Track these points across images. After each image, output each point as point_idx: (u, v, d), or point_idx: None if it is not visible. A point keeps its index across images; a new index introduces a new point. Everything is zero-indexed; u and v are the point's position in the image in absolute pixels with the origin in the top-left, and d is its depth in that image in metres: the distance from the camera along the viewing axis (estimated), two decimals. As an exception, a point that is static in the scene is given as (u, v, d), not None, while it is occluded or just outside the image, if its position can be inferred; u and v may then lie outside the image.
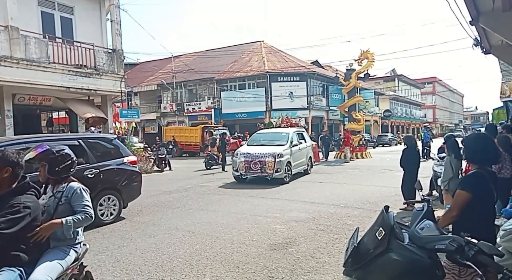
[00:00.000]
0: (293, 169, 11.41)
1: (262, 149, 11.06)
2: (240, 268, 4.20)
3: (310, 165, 13.31)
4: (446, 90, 68.75)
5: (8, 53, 11.12)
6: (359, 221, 6.17)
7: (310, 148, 13.51)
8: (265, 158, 10.64)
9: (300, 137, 12.96)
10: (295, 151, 11.71)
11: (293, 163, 11.34)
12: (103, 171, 6.38)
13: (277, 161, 10.50)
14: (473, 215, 2.49)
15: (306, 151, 12.91)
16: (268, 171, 10.50)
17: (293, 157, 11.44)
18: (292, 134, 12.04)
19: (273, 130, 14.15)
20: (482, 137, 2.74)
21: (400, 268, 2.03)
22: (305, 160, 12.69)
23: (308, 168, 13.00)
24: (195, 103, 32.38)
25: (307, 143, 13.29)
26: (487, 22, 5.74)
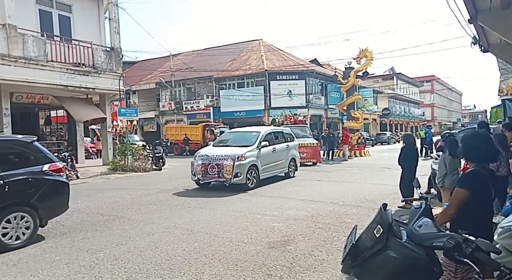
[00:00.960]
0: (263, 173, 10.18)
1: (223, 151, 9.83)
2: (239, 266, 4.21)
3: (294, 167, 11.98)
4: (445, 89, 68.81)
5: (6, 52, 11.08)
6: (357, 219, 6.19)
7: (294, 149, 12.12)
8: (223, 161, 9.34)
9: (280, 136, 11.73)
10: (266, 152, 10.34)
11: (261, 166, 10.04)
12: (9, 182, 5.08)
13: (237, 165, 9.20)
14: (470, 213, 2.50)
15: (287, 152, 11.54)
16: (226, 176, 9.20)
17: (263, 159, 10.10)
18: (264, 134, 10.63)
19: (244, 129, 12.55)
20: (480, 135, 2.74)
21: (398, 266, 2.03)
22: (284, 162, 11.29)
23: (290, 171, 11.69)
24: (194, 101, 32.34)
25: (291, 143, 11.98)
26: (486, 21, 5.75)
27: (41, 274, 4.13)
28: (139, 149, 16.23)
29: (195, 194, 9.15)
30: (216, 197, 8.61)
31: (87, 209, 7.55)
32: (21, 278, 4.06)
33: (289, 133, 12.49)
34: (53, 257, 4.68)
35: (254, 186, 9.63)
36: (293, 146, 12.20)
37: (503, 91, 18.12)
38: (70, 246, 5.10)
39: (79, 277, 4.01)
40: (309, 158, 15.83)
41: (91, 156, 19.73)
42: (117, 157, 15.00)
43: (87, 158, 17.97)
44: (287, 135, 12.22)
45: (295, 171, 12.13)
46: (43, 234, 5.76)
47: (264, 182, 10.69)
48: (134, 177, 13.35)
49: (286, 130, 12.67)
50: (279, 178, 11.62)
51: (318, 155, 16.43)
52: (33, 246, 5.11)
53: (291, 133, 12.65)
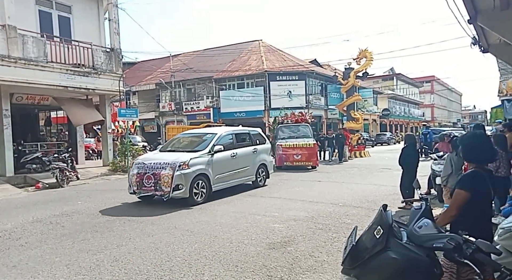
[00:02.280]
0: (218, 183, 8.49)
1: (164, 157, 8.19)
2: (239, 267, 4.20)
3: (264, 174, 10.28)
4: (445, 89, 68.80)
5: (6, 52, 11.09)
6: (358, 220, 6.18)
7: (264, 153, 10.43)
8: (160, 170, 7.68)
9: (246, 138, 10.04)
10: (223, 158, 8.66)
11: (215, 175, 8.34)
12: None
13: (177, 175, 7.50)
14: (470, 214, 2.50)
15: (254, 158, 9.84)
16: (163, 189, 7.53)
17: (217, 166, 8.42)
18: (220, 136, 8.94)
19: (198, 131, 11.03)
20: (478, 136, 2.75)
21: (398, 267, 2.03)
22: (250, 169, 9.60)
23: (259, 179, 10.06)
24: (194, 102, 32.34)
25: (261, 147, 10.27)
26: (485, 21, 5.75)
27: (41, 276, 4.12)
28: (139, 150, 16.23)
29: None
30: (216, 198, 8.59)
31: (87, 210, 7.55)
32: (21, 279, 4.06)
33: (258, 135, 10.71)
34: (53, 258, 4.68)
35: (203, 200, 7.91)
36: (264, 150, 10.42)
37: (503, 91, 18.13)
38: (70, 247, 5.10)
39: (79, 278, 4.01)
40: (303, 161, 14.28)
41: (91, 157, 19.74)
42: (117, 158, 15.01)
43: (87, 159, 17.97)
44: (255, 137, 10.40)
45: (266, 178, 10.40)
46: (43, 235, 5.76)
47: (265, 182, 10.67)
48: (134, 178, 13.33)
49: (255, 131, 10.72)
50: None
51: (315, 157, 14.53)
52: (33, 247, 5.10)
53: (261, 135, 10.88)
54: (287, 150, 14.54)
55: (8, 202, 8.92)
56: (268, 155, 10.79)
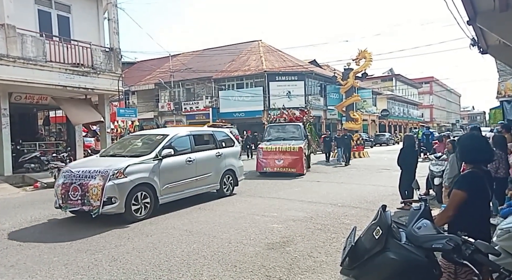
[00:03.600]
0: (168, 194, 7.14)
1: (97, 164, 6.86)
2: (238, 267, 4.20)
3: (232, 181, 8.98)
4: (443, 90, 68.94)
5: (5, 52, 11.06)
6: (357, 220, 6.19)
7: (232, 157, 9.13)
8: (89, 179, 6.27)
9: (208, 141, 8.87)
10: (174, 164, 7.32)
11: (163, 185, 6.99)
12: None
13: (109, 186, 6.10)
14: (468, 214, 2.51)
15: (218, 163, 8.56)
16: (92, 202, 6.12)
17: (166, 174, 7.06)
18: (173, 138, 7.61)
19: (148, 132, 9.75)
20: (476, 137, 2.76)
21: (397, 267, 2.03)
22: (212, 176, 8.32)
23: (225, 187, 8.76)
24: (193, 102, 32.35)
25: (227, 150, 8.97)
26: (484, 22, 5.76)
27: (39, 275, 4.11)
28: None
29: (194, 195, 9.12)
30: (214, 198, 8.59)
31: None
32: (19, 279, 4.05)
33: (224, 136, 9.40)
34: (51, 258, 4.67)
35: (146, 215, 6.59)
36: (231, 154, 9.13)
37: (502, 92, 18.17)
38: (69, 247, 5.09)
39: (78, 278, 4.00)
40: (286, 167, 12.25)
41: (89, 157, 19.67)
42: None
43: (85, 158, 17.91)
44: (222, 138, 9.11)
45: (234, 186, 9.09)
46: (41, 234, 5.74)
47: (263, 184, 10.64)
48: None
49: (221, 132, 9.61)
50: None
51: (300, 163, 12.26)
52: (31, 247, 5.09)
53: (229, 137, 9.56)
54: (268, 154, 12.61)
55: (6, 202, 8.90)
56: (238, 160, 9.41)
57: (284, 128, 14.22)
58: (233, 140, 9.67)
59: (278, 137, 13.55)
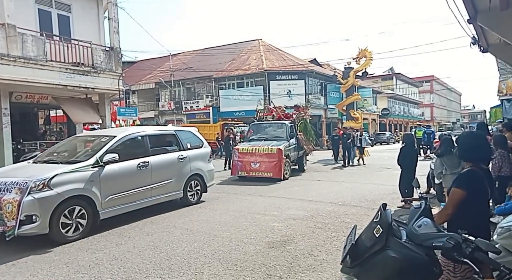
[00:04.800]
0: (112, 207, 6.01)
1: (19, 173, 5.65)
2: (238, 266, 4.20)
3: (200, 188, 8.04)
4: (444, 89, 68.87)
5: (5, 51, 11.07)
6: (357, 219, 6.19)
7: (200, 160, 8.10)
8: (3, 193, 5.13)
9: (169, 142, 7.75)
10: (123, 171, 6.23)
11: (107, 196, 5.88)
12: None
13: (27, 201, 4.96)
14: (467, 212, 2.51)
15: (181, 167, 7.53)
16: (6, 222, 4.94)
17: (112, 183, 6.00)
18: (120, 140, 6.44)
19: (95, 133, 8.66)
20: (475, 135, 2.77)
21: (397, 266, 2.03)
22: (173, 183, 7.28)
23: (191, 195, 7.81)
24: (193, 101, 32.35)
25: (193, 152, 7.95)
26: (485, 21, 5.76)
27: (40, 274, 4.12)
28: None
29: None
30: (215, 197, 8.60)
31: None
32: (20, 277, 4.06)
33: (191, 136, 8.32)
34: (52, 257, 4.68)
35: (82, 234, 5.47)
36: (199, 156, 8.08)
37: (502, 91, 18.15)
38: (70, 246, 5.10)
39: (79, 277, 4.01)
40: (262, 171, 11.04)
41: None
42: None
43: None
44: (186, 139, 8.02)
45: (202, 193, 8.12)
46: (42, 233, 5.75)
47: (263, 180, 10.64)
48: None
49: (186, 132, 8.42)
50: (274, 180, 11.56)
51: (278, 168, 10.93)
52: (32, 246, 5.10)
53: (196, 136, 8.47)
54: (244, 156, 11.41)
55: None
56: (207, 163, 8.39)
57: (268, 127, 12.96)
58: (201, 140, 8.57)
59: (260, 137, 12.34)
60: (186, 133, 8.38)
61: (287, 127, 12.54)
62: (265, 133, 12.58)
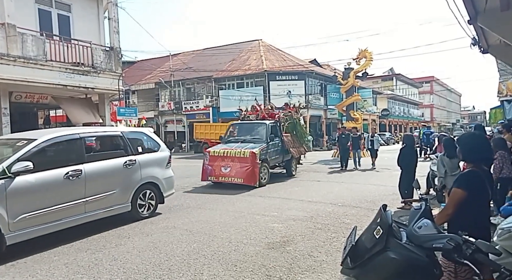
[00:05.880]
0: (27, 228, 4.89)
1: None
2: (238, 267, 4.20)
3: (155, 198, 6.86)
4: (444, 90, 68.87)
5: (5, 51, 11.07)
6: (357, 220, 6.18)
7: (155, 166, 6.95)
8: None
9: (119, 145, 6.51)
10: (43, 183, 5.11)
11: (18, 215, 4.78)
12: None
13: None
14: (468, 213, 2.51)
15: (130, 175, 6.37)
16: None
17: (26, 198, 4.90)
18: (39, 146, 5.25)
19: (12, 136, 6.70)
20: (476, 136, 2.77)
21: (398, 267, 2.03)
22: (118, 194, 6.13)
23: (143, 208, 6.64)
24: (193, 101, 32.34)
25: (144, 157, 6.70)
26: (485, 22, 5.76)
27: (39, 275, 4.12)
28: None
29: (194, 195, 9.13)
30: (215, 197, 8.59)
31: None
32: (20, 278, 4.05)
33: (142, 138, 7.19)
34: (51, 257, 4.67)
35: None
36: (153, 161, 6.93)
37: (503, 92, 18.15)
38: (69, 246, 5.09)
39: (78, 278, 4.00)
40: (232, 176, 9.89)
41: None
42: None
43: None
44: (137, 141, 6.90)
45: (158, 204, 6.96)
46: (42, 234, 5.74)
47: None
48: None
49: (140, 134, 7.31)
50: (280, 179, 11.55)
51: (251, 173, 9.79)
52: (32, 246, 5.09)
53: (150, 138, 7.28)
54: (215, 159, 10.33)
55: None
56: (164, 169, 7.17)
57: (247, 127, 11.83)
58: (157, 143, 7.33)
59: (238, 139, 11.29)
60: (137, 134, 7.23)
61: (268, 128, 11.21)
62: (244, 134, 11.50)
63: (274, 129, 11.56)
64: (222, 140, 11.70)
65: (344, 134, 14.98)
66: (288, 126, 12.45)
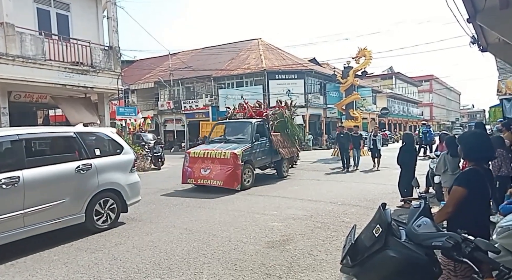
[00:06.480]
0: None
1: None
2: (238, 266, 4.20)
3: (116, 207, 6.05)
4: (443, 88, 68.91)
5: (4, 50, 11.05)
6: (356, 219, 6.19)
7: (116, 171, 6.14)
8: None
9: (71, 148, 5.77)
10: None
11: None
12: None
13: None
14: (468, 211, 2.51)
15: (83, 181, 5.57)
16: None
17: None
18: None
19: None
20: (477, 135, 2.77)
21: (397, 265, 2.03)
22: (68, 204, 5.34)
23: (102, 219, 5.84)
24: (193, 100, 32.32)
25: (104, 161, 5.99)
26: (484, 20, 5.75)
27: (39, 274, 4.12)
28: (138, 148, 16.22)
29: (194, 194, 9.13)
30: (214, 196, 8.59)
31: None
32: (19, 277, 4.05)
33: (104, 139, 6.42)
34: (51, 257, 4.67)
35: None
36: (114, 166, 6.14)
37: (502, 90, 18.15)
38: (69, 246, 5.09)
39: (78, 277, 4.00)
40: (212, 179, 9.34)
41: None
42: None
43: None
44: (94, 143, 6.17)
45: (119, 213, 6.14)
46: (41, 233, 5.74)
47: (260, 182, 10.61)
48: (132, 176, 13.31)
49: (100, 134, 6.51)
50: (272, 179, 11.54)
51: (232, 176, 9.26)
52: (32, 246, 5.09)
53: (110, 139, 6.45)
54: (195, 161, 9.82)
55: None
56: (128, 173, 6.39)
57: (232, 127, 11.38)
58: (119, 145, 6.50)
59: (221, 139, 10.81)
60: (96, 135, 6.45)
61: (253, 127, 10.56)
62: (228, 134, 11.04)
63: (260, 128, 10.95)
64: (206, 141, 11.24)
65: (342, 133, 14.49)
66: (278, 125, 11.86)
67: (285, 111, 12.35)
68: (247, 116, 11.74)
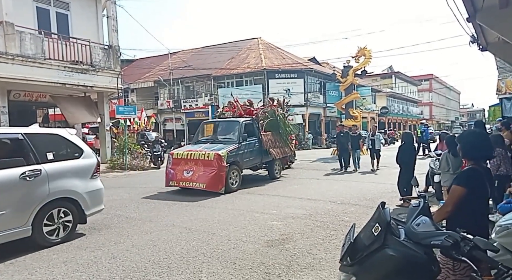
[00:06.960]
0: None
1: None
2: (237, 265, 4.20)
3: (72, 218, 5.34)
4: (443, 87, 68.91)
5: (3, 49, 11.05)
6: (356, 218, 6.19)
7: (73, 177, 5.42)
8: None
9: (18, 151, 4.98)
10: None
11: None
12: None
13: None
14: (467, 210, 2.52)
15: (31, 190, 4.85)
16: None
17: None
18: None
19: None
20: (476, 134, 2.78)
21: (396, 264, 2.03)
22: (10, 216, 4.64)
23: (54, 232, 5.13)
24: (192, 99, 32.33)
25: (58, 166, 5.25)
26: (484, 19, 5.75)
27: (38, 273, 4.11)
28: (137, 147, 16.21)
29: (193, 193, 9.12)
30: (214, 195, 8.59)
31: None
32: (19, 276, 4.05)
33: (59, 141, 5.62)
34: (50, 255, 4.67)
35: None
36: (70, 171, 5.42)
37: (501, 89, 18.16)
38: (68, 244, 5.09)
39: (77, 276, 4.00)
40: (194, 181, 8.91)
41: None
42: (115, 156, 14.99)
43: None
44: (46, 145, 5.35)
45: (76, 224, 5.43)
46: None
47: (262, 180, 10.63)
48: (132, 175, 13.33)
49: (53, 136, 5.63)
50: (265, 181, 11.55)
51: (216, 178, 8.78)
52: (31, 244, 5.09)
53: (66, 140, 5.66)
54: (178, 163, 9.43)
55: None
56: (87, 180, 5.64)
57: (219, 126, 10.87)
58: (78, 147, 5.71)
59: (208, 139, 10.35)
60: (48, 137, 5.58)
61: (241, 126, 10.06)
62: (215, 134, 10.57)
63: (249, 127, 10.42)
64: (192, 141, 10.79)
65: (342, 132, 13.92)
66: (269, 124, 11.15)
67: (277, 110, 11.68)
68: (236, 114, 11.31)
